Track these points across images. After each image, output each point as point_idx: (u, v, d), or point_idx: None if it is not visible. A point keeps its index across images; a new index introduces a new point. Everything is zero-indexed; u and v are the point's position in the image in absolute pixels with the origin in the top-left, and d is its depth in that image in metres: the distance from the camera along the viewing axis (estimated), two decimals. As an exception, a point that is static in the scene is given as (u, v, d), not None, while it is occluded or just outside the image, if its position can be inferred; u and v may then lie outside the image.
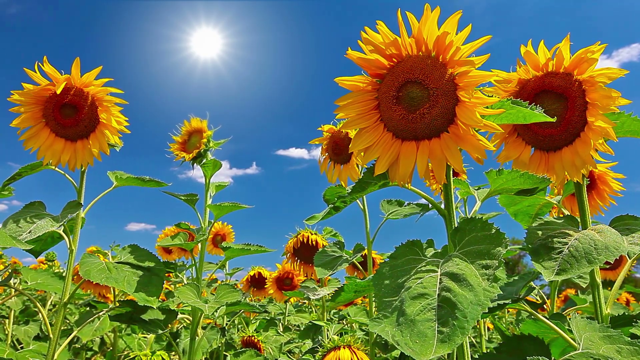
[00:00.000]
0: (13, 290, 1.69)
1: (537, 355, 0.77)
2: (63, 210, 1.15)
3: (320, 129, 1.35)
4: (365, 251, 1.41)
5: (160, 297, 1.40)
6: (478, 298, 0.50)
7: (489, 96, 0.63)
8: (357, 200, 1.44)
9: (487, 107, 0.62)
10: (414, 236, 0.71)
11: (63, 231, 1.15)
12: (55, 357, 1.08)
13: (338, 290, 0.98)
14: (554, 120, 0.65)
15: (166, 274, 1.38)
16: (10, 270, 1.24)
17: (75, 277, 1.87)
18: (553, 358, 0.79)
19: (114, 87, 1.09)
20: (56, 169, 1.19)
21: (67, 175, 1.21)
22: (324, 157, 1.36)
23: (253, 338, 1.86)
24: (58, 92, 1.03)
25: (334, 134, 1.32)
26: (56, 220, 1.07)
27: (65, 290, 1.13)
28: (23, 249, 0.94)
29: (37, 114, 1.10)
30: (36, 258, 1.31)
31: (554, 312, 1.37)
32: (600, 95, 0.74)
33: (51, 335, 1.09)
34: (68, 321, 2.43)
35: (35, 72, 1.04)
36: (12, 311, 2.20)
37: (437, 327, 0.49)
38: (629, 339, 0.68)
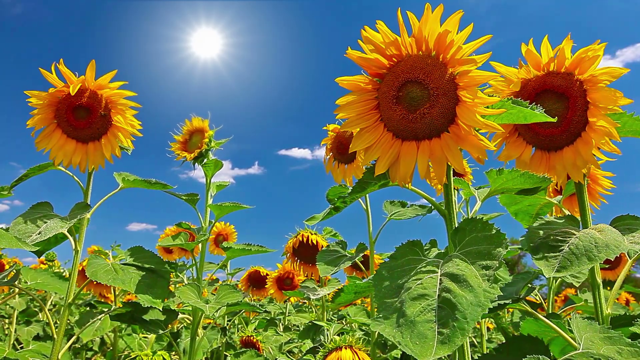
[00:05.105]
0: (17, 289, 1.69)
1: (537, 355, 0.77)
2: (71, 211, 1.15)
3: (325, 128, 1.36)
4: (368, 251, 1.41)
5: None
6: (478, 299, 0.50)
7: (489, 95, 0.62)
8: (360, 200, 1.45)
9: (487, 107, 0.62)
10: (416, 236, 0.71)
11: (68, 232, 1.15)
12: (59, 357, 1.08)
13: (338, 291, 0.98)
14: (554, 120, 0.65)
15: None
16: (15, 270, 1.23)
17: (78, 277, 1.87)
18: (553, 356, 0.79)
19: (127, 90, 1.10)
20: (63, 169, 1.19)
21: (74, 176, 1.21)
22: (329, 156, 1.36)
23: (252, 338, 1.85)
24: (72, 93, 1.03)
25: (338, 133, 1.33)
26: (65, 221, 1.07)
27: (70, 290, 1.13)
28: (28, 250, 0.93)
29: (49, 115, 1.10)
30: (39, 258, 1.31)
31: (552, 311, 1.37)
32: (602, 95, 0.73)
33: (55, 336, 1.09)
34: (69, 321, 2.44)
35: (52, 73, 1.05)
36: (15, 311, 2.20)
37: (437, 328, 0.49)
38: (630, 340, 0.68)
